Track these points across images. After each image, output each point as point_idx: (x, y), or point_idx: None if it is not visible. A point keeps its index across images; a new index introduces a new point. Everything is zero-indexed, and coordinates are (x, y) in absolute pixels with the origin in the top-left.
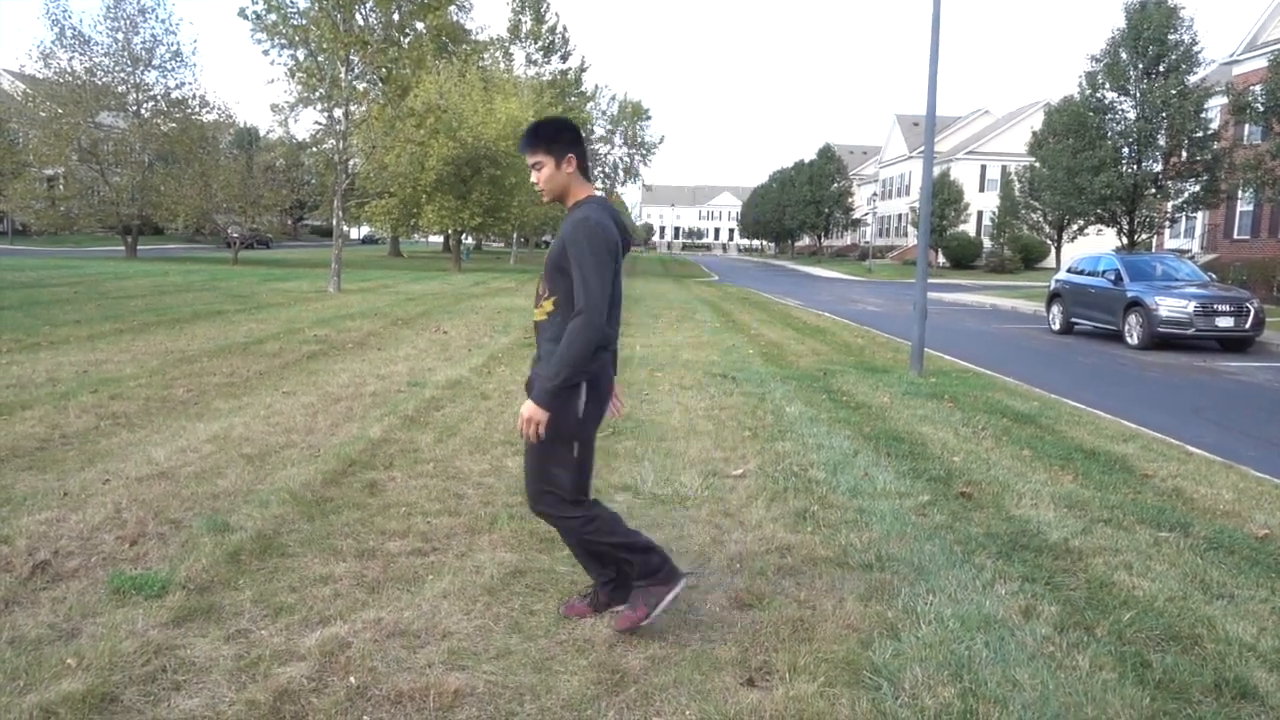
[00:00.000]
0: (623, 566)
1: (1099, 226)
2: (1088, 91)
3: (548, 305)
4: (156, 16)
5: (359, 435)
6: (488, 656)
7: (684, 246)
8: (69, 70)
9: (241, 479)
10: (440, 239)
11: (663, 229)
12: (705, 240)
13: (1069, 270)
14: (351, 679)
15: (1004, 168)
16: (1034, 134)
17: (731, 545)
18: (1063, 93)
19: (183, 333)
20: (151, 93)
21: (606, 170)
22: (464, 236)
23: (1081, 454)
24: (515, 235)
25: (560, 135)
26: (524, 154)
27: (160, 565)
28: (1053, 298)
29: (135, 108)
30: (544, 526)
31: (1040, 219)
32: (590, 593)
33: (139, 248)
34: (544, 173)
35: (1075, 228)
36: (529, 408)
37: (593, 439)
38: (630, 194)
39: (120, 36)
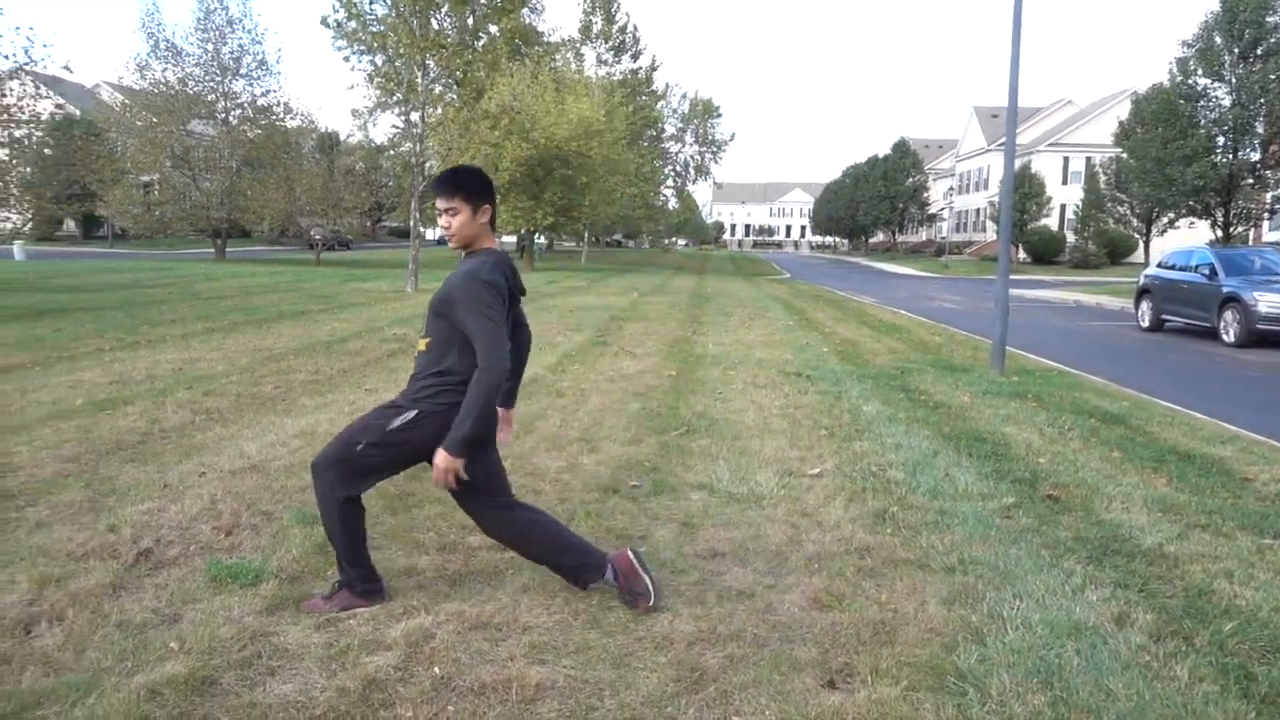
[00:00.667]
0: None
1: (1191, 219)
2: (1179, 78)
3: (421, 345)
4: (243, 27)
5: None
6: (567, 651)
7: (754, 244)
8: (163, 81)
9: None
10: (513, 239)
11: (733, 226)
12: (776, 237)
13: (1159, 265)
14: (436, 669)
15: (1088, 159)
16: (1121, 124)
17: (809, 545)
18: (1151, 80)
19: (270, 332)
20: (239, 100)
21: (677, 169)
22: (536, 236)
23: (1176, 456)
24: (586, 234)
25: (481, 186)
26: (440, 198)
27: (254, 555)
28: (1142, 293)
29: (224, 115)
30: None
31: (1127, 212)
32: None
33: (227, 250)
34: (458, 219)
35: (1165, 221)
36: (442, 457)
37: (394, 461)
38: (700, 192)
39: (210, 47)
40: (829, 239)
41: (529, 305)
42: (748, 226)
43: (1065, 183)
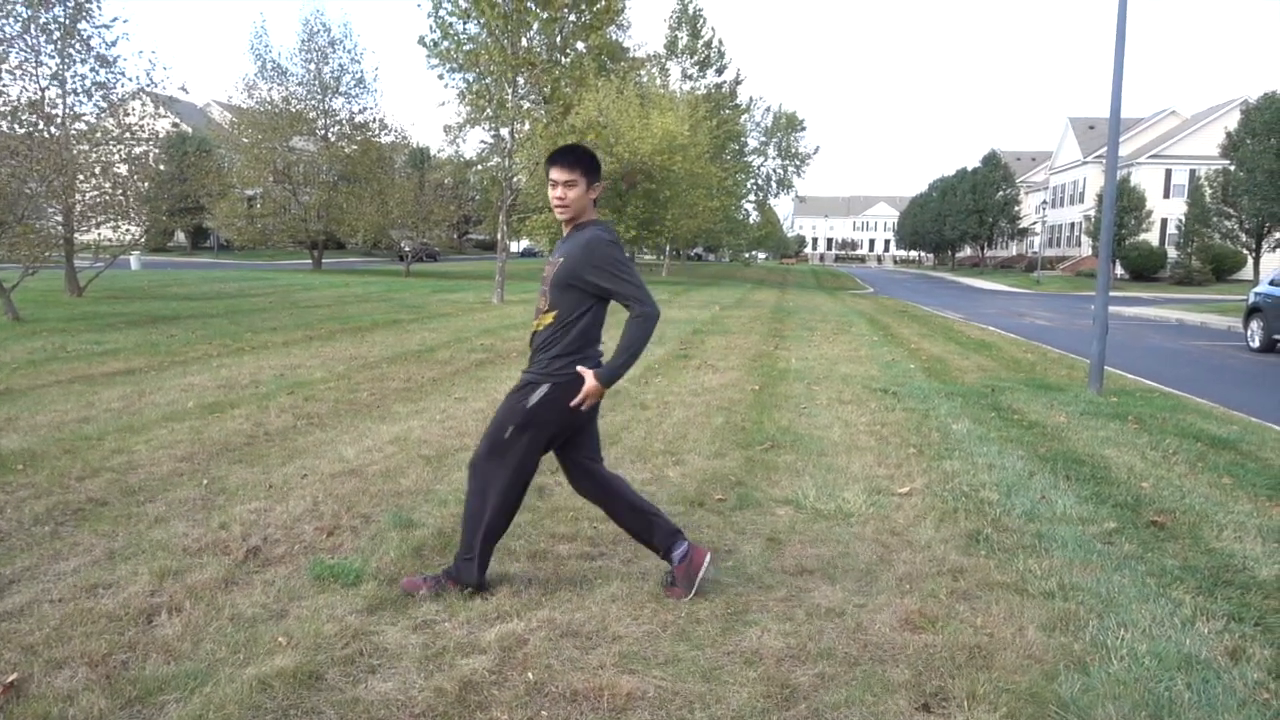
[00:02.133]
0: (470, 551)
1: None
2: None
3: (547, 319)
4: (344, 47)
5: None
6: (656, 662)
7: (836, 258)
8: (268, 99)
9: (422, 478)
10: None
11: (814, 240)
12: (859, 252)
13: (1271, 282)
14: (530, 674)
15: (1192, 172)
16: (1229, 135)
17: (900, 565)
18: (1265, 89)
19: (364, 340)
20: (337, 117)
21: (759, 182)
22: None
23: None
24: (668, 248)
25: (596, 165)
26: (559, 169)
27: (354, 556)
28: (1251, 312)
29: (323, 132)
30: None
31: (1235, 227)
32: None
33: (323, 261)
34: (575, 191)
35: (1277, 236)
36: (593, 384)
37: (546, 436)
38: (782, 205)
39: (312, 67)
40: (913, 253)
41: (613, 317)
42: (830, 240)
43: (1167, 196)
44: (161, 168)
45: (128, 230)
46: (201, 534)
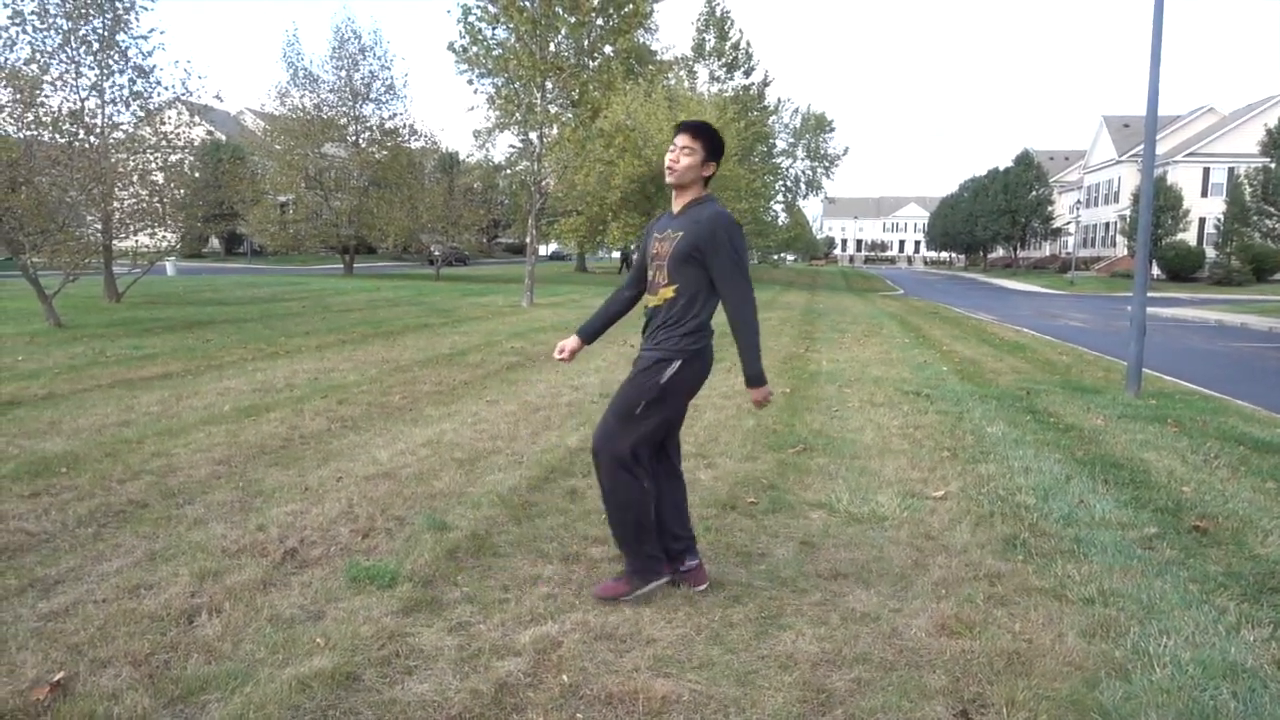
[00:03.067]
0: (623, 545)
1: None
2: None
3: (667, 292)
4: (374, 54)
5: (558, 443)
6: (691, 666)
7: (866, 259)
8: (300, 106)
9: (455, 481)
10: (617, 254)
11: (844, 241)
12: (889, 253)
13: None
14: (564, 677)
15: (1231, 170)
16: (1269, 132)
17: (935, 570)
18: None
19: (395, 343)
20: (368, 124)
21: (788, 184)
22: None
23: None
24: None
25: (719, 147)
26: (683, 135)
27: (389, 558)
28: None
29: (354, 138)
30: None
31: (1277, 226)
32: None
33: (355, 265)
34: (690, 159)
35: None
36: (756, 392)
37: (674, 411)
38: (811, 206)
39: (343, 74)
40: (944, 254)
41: (641, 319)
42: (859, 241)
43: (1205, 195)
44: (197, 175)
45: (164, 237)
46: (239, 535)
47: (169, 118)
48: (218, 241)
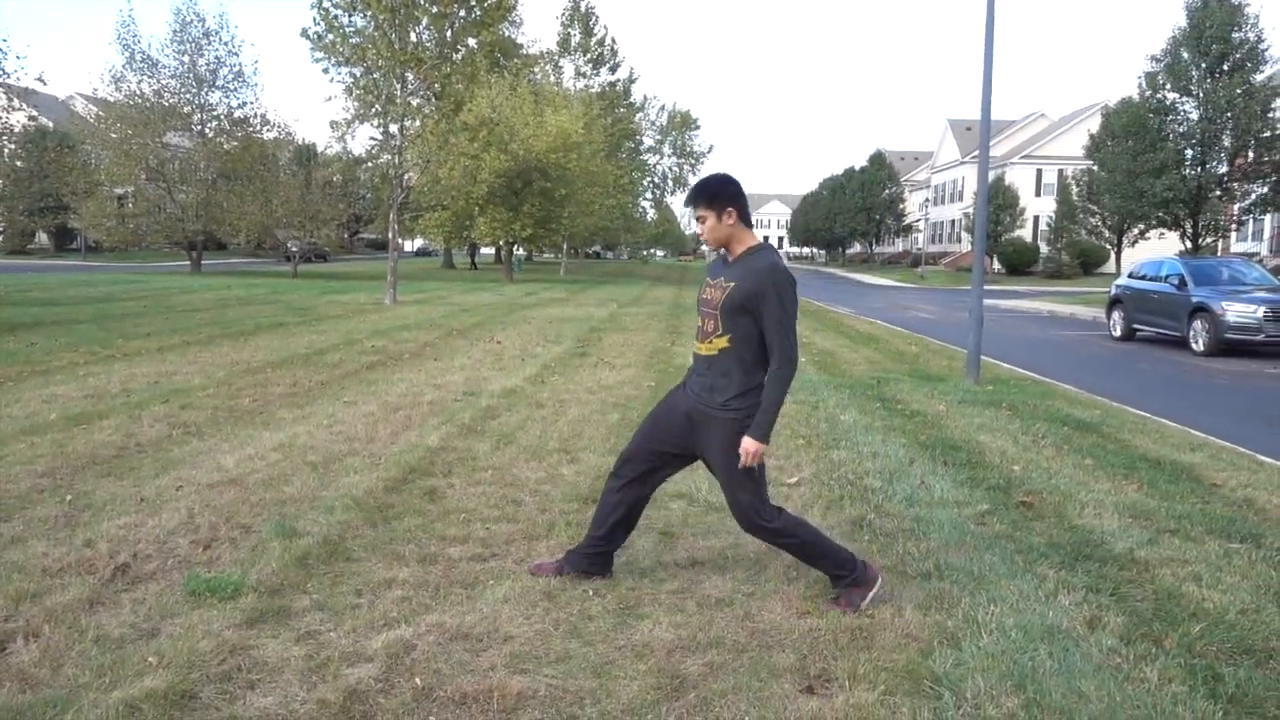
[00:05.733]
0: (816, 563)
1: (1161, 230)
2: (1148, 92)
3: (721, 342)
4: (220, 39)
5: (418, 443)
6: (548, 660)
7: None
8: (138, 93)
9: (307, 486)
10: (490, 250)
11: None
12: None
13: (1130, 275)
14: (417, 680)
15: (1061, 171)
16: (1092, 137)
17: (788, 555)
18: (1121, 94)
19: (247, 344)
20: (215, 113)
21: (655, 180)
22: (515, 248)
23: (1146, 463)
24: (565, 246)
25: (720, 191)
26: (691, 208)
27: (232, 568)
28: (1113, 303)
29: (200, 127)
30: None
31: (1099, 223)
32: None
33: (203, 263)
34: (707, 225)
35: (1136, 232)
36: (753, 445)
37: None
38: (678, 203)
39: (186, 59)
40: (806, 250)
41: (510, 316)
42: None
43: (1039, 194)
44: (18, 164)
45: None
46: (64, 553)
47: None
48: (46, 237)
